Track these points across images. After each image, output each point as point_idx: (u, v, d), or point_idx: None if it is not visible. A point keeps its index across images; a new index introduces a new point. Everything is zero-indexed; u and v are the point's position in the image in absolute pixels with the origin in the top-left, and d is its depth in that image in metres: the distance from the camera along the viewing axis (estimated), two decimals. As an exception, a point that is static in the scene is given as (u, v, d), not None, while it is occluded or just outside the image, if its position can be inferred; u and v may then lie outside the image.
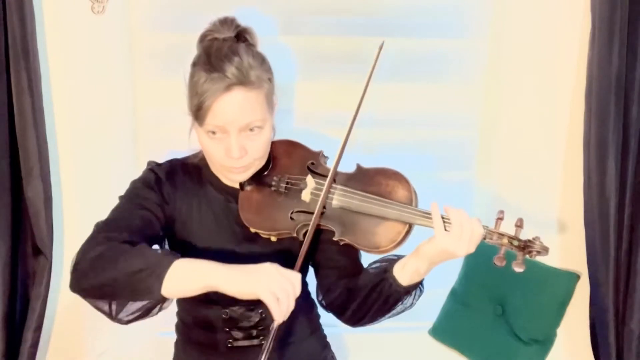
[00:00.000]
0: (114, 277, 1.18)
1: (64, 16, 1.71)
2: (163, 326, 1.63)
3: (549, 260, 1.88)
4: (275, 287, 1.16)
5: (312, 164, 1.41)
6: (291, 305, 1.18)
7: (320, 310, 1.57)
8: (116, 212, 1.35)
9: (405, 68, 1.90)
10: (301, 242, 1.34)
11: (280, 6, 1.79)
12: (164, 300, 1.21)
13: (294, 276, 1.20)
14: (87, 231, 1.40)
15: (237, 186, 1.41)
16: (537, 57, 1.86)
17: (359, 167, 1.41)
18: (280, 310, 1.16)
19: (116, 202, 1.40)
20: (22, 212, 1.73)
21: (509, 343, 1.86)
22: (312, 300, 1.58)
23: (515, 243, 1.28)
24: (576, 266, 1.87)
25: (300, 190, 1.37)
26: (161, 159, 1.47)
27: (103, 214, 1.44)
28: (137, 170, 1.46)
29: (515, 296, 1.84)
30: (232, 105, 1.26)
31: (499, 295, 1.88)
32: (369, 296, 1.36)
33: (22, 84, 1.62)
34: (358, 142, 1.90)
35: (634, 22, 1.72)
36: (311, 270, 1.52)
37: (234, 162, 1.31)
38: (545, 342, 1.87)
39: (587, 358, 1.93)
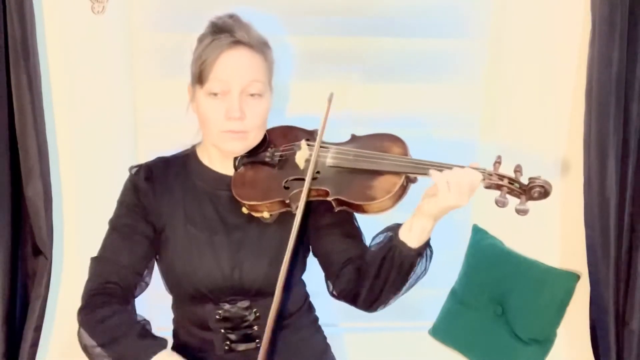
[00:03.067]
0: (107, 352, 1.29)
1: (64, 16, 1.71)
2: (160, 326, 1.62)
3: (549, 260, 1.89)
4: None
5: (307, 139, 1.42)
6: None
7: (321, 313, 1.57)
8: (106, 248, 1.41)
9: (405, 68, 1.90)
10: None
11: (278, 6, 1.79)
12: None
13: None
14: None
15: (228, 173, 1.42)
16: (537, 57, 1.85)
17: (353, 136, 1.44)
18: None
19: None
20: (22, 212, 1.73)
21: (509, 343, 1.86)
22: (311, 302, 1.58)
23: (517, 185, 1.24)
24: (576, 266, 1.87)
25: (294, 154, 1.37)
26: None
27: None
28: (137, 170, 1.46)
29: (515, 296, 1.84)
30: (237, 60, 1.32)
31: (499, 295, 1.88)
32: (381, 269, 1.32)
33: (22, 83, 1.62)
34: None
35: (634, 22, 1.72)
36: (314, 269, 1.52)
37: (233, 124, 1.33)
38: (545, 342, 1.87)
39: (587, 358, 1.93)
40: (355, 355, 1.97)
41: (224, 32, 1.33)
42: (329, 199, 1.31)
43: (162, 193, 1.42)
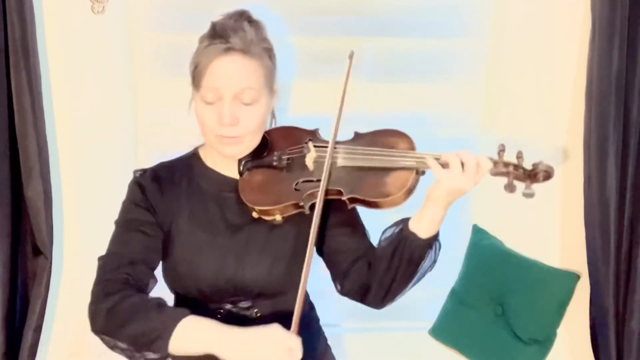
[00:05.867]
0: (126, 335, 1.23)
1: (64, 16, 1.71)
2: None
3: (549, 260, 1.89)
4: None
5: (310, 139, 1.42)
6: None
7: (322, 313, 1.56)
8: (115, 244, 1.38)
9: (405, 68, 1.90)
10: (306, 222, 1.32)
11: (279, 6, 1.79)
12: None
13: (294, 342, 1.21)
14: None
15: (232, 175, 1.42)
16: (537, 57, 1.86)
17: (356, 133, 1.43)
18: None
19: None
20: (22, 212, 1.73)
21: (509, 343, 1.86)
22: (311, 302, 1.57)
23: (521, 170, 1.30)
24: (576, 266, 1.87)
25: (304, 157, 1.38)
26: (159, 160, 1.48)
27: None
28: (137, 170, 1.46)
29: (515, 296, 1.84)
30: (229, 66, 1.31)
31: (499, 295, 1.88)
32: (392, 262, 1.33)
33: (22, 83, 1.62)
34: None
35: (634, 22, 1.72)
36: (315, 268, 1.50)
37: (226, 130, 1.33)
38: (545, 342, 1.87)
39: (587, 358, 1.93)
40: (356, 355, 1.97)
41: (220, 37, 1.32)
42: (343, 198, 1.33)
43: (168, 194, 1.42)
